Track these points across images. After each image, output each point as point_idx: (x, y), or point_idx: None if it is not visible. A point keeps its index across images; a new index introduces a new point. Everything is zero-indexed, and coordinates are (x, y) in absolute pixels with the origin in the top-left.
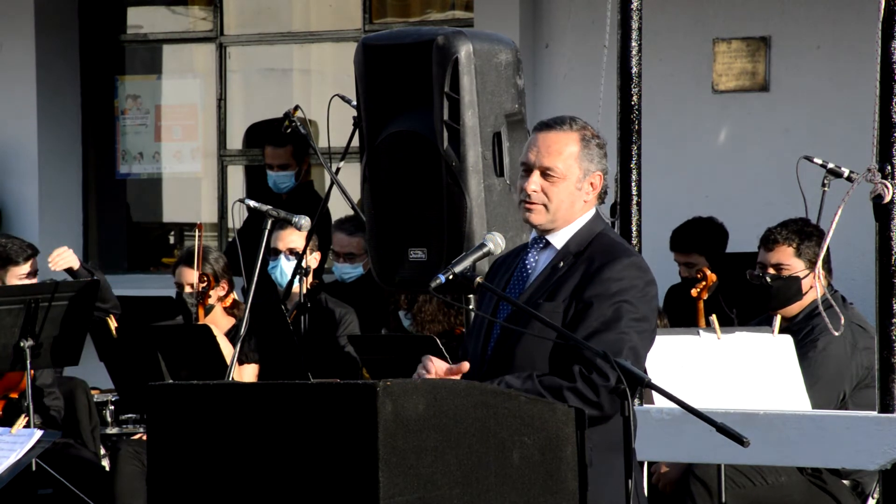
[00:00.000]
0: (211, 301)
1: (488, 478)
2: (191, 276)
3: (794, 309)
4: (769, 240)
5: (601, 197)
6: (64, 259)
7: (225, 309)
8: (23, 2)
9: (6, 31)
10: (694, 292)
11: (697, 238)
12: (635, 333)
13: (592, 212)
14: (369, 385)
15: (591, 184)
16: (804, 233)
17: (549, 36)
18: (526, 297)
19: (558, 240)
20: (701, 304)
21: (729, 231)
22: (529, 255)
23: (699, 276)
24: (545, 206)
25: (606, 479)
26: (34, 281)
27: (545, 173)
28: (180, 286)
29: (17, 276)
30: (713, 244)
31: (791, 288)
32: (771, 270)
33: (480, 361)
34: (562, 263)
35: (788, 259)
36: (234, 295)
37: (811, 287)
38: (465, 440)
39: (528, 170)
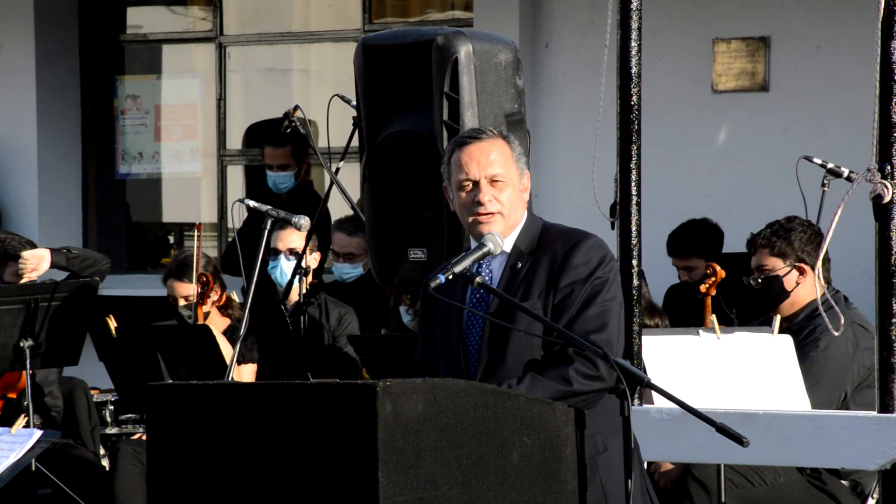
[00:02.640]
0: (206, 308)
1: (488, 478)
2: (182, 289)
3: (793, 308)
4: (751, 244)
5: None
6: (36, 268)
7: (219, 308)
8: (23, 2)
9: (6, 31)
10: (703, 288)
11: (694, 241)
12: (614, 304)
13: (526, 210)
14: (369, 385)
15: (524, 184)
16: (779, 232)
17: (549, 36)
18: (496, 304)
19: (506, 245)
20: (709, 301)
21: (728, 231)
22: (482, 268)
23: (708, 271)
24: (500, 213)
25: (619, 461)
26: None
27: (493, 182)
28: (174, 300)
29: (14, 271)
30: (710, 245)
31: (773, 287)
32: (757, 273)
33: (465, 372)
34: (519, 264)
35: (766, 259)
36: (233, 295)
37: (797, 284)
38: (464, 440)
39: (473, 183)
